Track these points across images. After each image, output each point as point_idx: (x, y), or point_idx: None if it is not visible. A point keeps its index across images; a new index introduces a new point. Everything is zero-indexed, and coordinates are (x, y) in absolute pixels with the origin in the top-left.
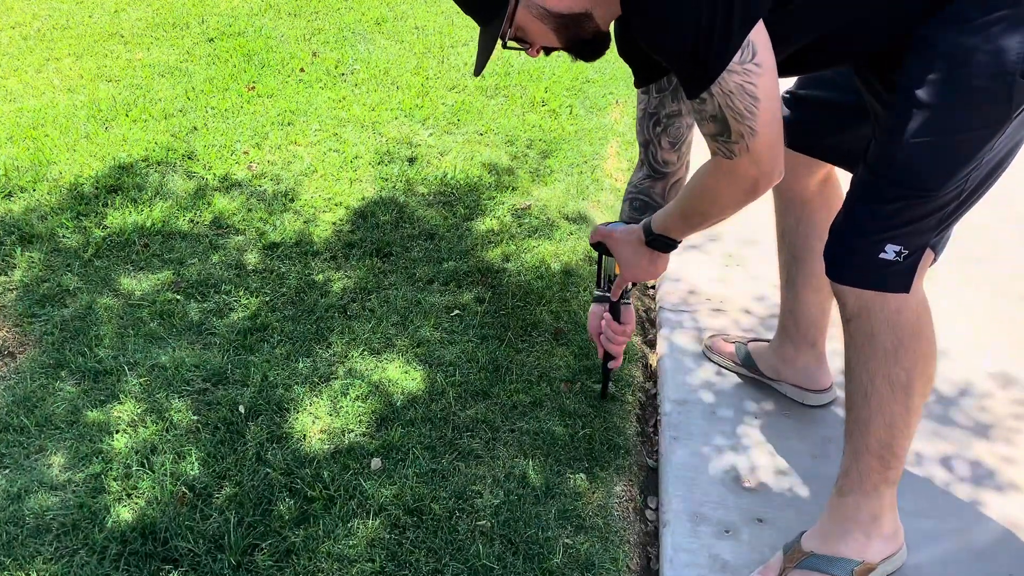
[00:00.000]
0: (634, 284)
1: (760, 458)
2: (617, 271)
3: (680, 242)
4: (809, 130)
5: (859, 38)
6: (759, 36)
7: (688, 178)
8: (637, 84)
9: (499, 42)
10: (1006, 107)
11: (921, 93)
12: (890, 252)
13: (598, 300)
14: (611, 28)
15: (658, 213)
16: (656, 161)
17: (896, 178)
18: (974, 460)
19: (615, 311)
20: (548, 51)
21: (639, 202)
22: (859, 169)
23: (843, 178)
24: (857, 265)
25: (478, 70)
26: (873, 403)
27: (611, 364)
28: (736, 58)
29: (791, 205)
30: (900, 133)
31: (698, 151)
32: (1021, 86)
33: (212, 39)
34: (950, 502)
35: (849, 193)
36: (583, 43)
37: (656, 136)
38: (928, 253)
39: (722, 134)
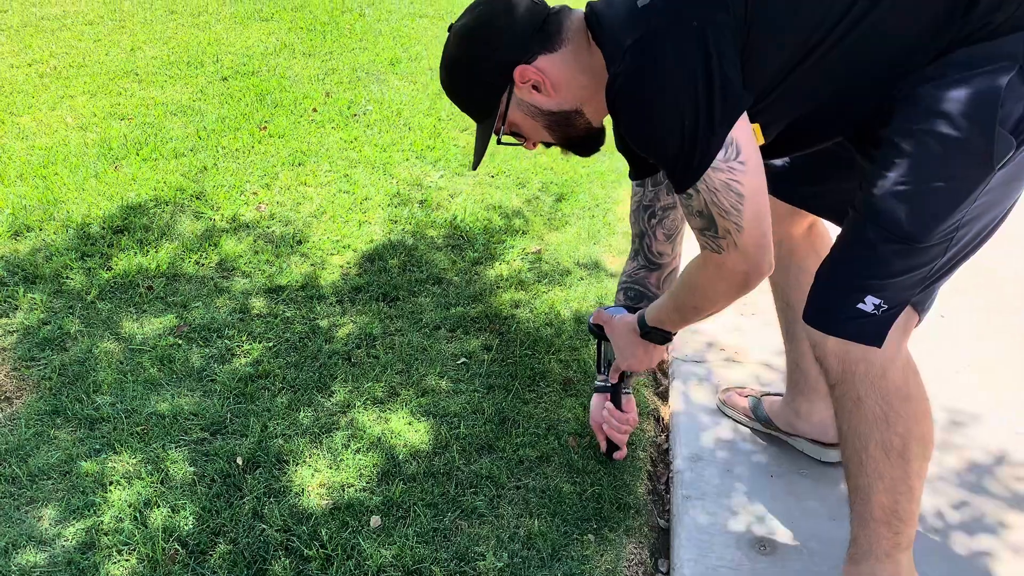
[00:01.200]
0: (633, 373)
1: (777, 520)
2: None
3: (675, 334)
4: (788, 176)
5: (838, 115)
6: (743, 133)
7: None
8: (633, 177)
9: (494, 137)
10: (987, 158)
11: (902, 143)
12: (869, 304)
13: (599, 390)
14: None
15: (652, 306)
16: (651, 252)
17: (880, 223)
18: (1008, 530)
19: (616, 398)
20: (548, 144)
21: (634, 292)
22: (848, 217)
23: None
24: (834, 311)
25: (475, 165)
26: (870, 470)
27: (616, 455)
28: (720, 156)
29: (779, 256)
30: (883, 181)
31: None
32: (1002, 138)
33: (226, 78)
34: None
35: (837, 239)
36: (576, 140)
37: (651, 228)
38: (912, 314)
39: (709, 229)
